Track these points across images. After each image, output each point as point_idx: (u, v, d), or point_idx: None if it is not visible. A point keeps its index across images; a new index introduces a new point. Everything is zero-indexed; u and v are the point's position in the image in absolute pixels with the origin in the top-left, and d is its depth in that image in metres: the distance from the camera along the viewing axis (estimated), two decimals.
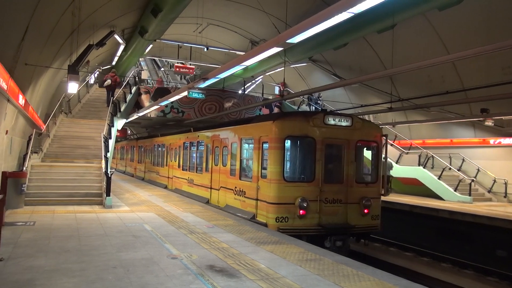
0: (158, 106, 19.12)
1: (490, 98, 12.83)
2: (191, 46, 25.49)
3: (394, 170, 20.91)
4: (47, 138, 16.89)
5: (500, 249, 13.33)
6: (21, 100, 10.11)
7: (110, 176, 12.78)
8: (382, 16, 14.02)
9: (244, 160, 12.53)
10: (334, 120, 11.03)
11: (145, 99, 22.28)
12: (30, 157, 13.65)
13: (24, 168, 12.71)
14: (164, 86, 27.00)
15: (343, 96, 24.49)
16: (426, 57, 12.60)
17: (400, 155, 21.58)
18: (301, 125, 10.77)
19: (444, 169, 19.45)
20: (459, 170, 19.97)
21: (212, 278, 5.75)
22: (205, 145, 15.71)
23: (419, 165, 20.16)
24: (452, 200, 18.09)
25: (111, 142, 18.76)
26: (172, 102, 19.64)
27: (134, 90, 22.76)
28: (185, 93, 14.17)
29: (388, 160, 12.02)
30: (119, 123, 21.95)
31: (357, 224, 11.02)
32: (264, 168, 11.04)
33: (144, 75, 27.96)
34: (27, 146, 14.18)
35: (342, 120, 11.15)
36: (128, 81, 24.28)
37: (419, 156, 20.59)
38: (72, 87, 12.61)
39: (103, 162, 14.44)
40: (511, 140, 18.09)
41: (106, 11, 15.14)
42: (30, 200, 12.30)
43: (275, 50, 8.38)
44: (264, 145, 11.14)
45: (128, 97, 22.47)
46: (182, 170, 18.59)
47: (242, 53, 22.12)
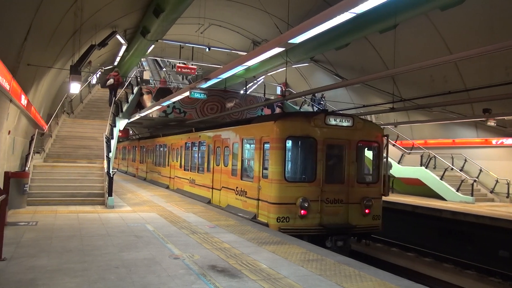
0: (160, 107, 19.14)
1: (492, 98, 12.80)
2: (193, 47, 25.52)
3: (396, 170, 20.92)
4: (49, 138, 16.93)
5: (503, 249, 13.30)
6: (23, 100, 10.12)
7: (112, 176, 12.80)
8: (384, 16, 14.00)
9: (246, 160, 12.52)
10: (335, 120, 11.02)
11: (147, 99, 22.32)
12: (32, 157, 13.70)
13: (26, 168, 12.75)
14: (167, 86, 27.02)
15: (345, 96, 24.46)
16: (428, 57, 12.58)
17: (402, 155, 21.55)
18: (302, 125, 10.77)
19: (446, 169, 19.42)
20: (461, 171, 19.91)
21: (214, 278, 5.75)
22: (206, 145, 15.71)
23: (421, 165, 20.13)
24: (454, 200, 18.05)
25: (113, 142, 18.79)
26: (174, 103, 19.67)
27: (136, 90, 22.80)
28: (187, 93, 14.17)
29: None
30: (121, 123, 21.98)
31: (358, 224, 11.01)
32: (266, 168, 11.04)
33: (146, 76, 27.97)
34: (30, 146, 14.23)
35: (343, 121, 11.14)
36: (130, 81, 24.30)
37: (421, 156, 20.55)
38: (74, 88, 12.62)
39: (105, 162, 14.47)
40: None
41: (108, 12, 15.16)
42: (32, 200, 12.35)
43: (277, 50, 8.38)
44: (265, 145, 11.14)
45: (130, 97, 22.51)
46: (184, 170, 18.60)
47: (244, 53, 22.14)
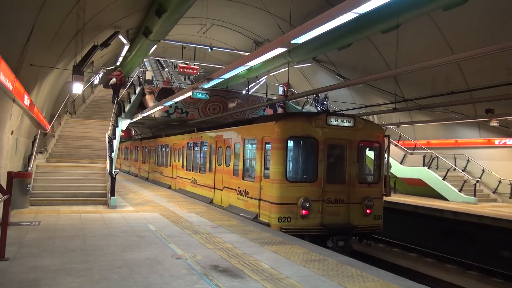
0: (162, 107, 19.16)
1: (495, 99, 12.78)
2: (195, 47, 25.54)
3: (398, 170, 20.89)
4: (52, 138, 16.97)
5: (505, 250, 13.27)
6: (26, 101, 10.14)
7: (114, 176, 12.83)
8: (387, 16, 13.98)
9: (247, 161, 12.54)
10: (336, 120, 11.03)
11: (149, 99, 22.35)
12: (35, 157, 13.74)
13: (29, 168, 12.78)
14: (169, 86, 27.06)
15: (347, 96, 24.45)
16: (431, 57, 12.55)
17: (404, 155, 21.51)
18: (303, 125, 10.78)
19: (448, 169, 19.37)
20: (464, 171, 19.88)
21: (217, 278, 5.76)
22: (208, 145, 15.73)
23: (423, 165, 20.09)
24: (457, 200, 18.02)
25: (116, 143, 18.82)
26: (176, 103, 19.69)
27: (138, 90, 22.83)
28: (189, 93, 14.18)
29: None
30: (124, 124, 22.02)
31: (359, 224, 11.02)
32: (267, 169, 11.04)
33: (148, 76, 28.02)
34: (32, 146, 14.24)
35: (345, 121, 11.15)
36: (132, 81, 24.35)
37: (424, 157, 20.50)
38: (77, 88, 12.66)
39: (108, 162, 14.50)
40: None
41: (111, 12, 15.18)
42: (35, 200, 12.39)
43: (280, 50, 8.37)
44: (267, 145, 11.15)
45: (133, 97, 22.54)
46: (186, 170, 18.63)
47: (246, 53, 22.13)
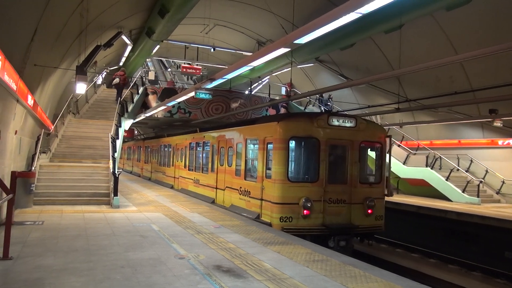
0: (165, 107, 19.19)
1: (499, 99, 12.72)
2: (198, 47, 25.53)
3: (401, 171, 20.84)
4: (55, 138, 17.01)
5: (509, 251, 13.21)
6: (30, 101, 10.17)
7: (117, 176, 12.86)
8: (390, 16, 13.96)
9: (249, 161, 12.57)
10: (338, 121, 11.04)
11: (152, 99, 22.39)
12: (38, 157, 13.77)
13: (33, 168, 12.82)
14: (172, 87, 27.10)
15: (350, 96, 24.42)
16: (434, 57, 12.53)
17: (407, 156, 21.46)
18: (305, 126, 10.80)
19: (452, 170, 19.30)
20: (467, 171, 19.79)
21: (220, 278, 5.76)
22: (210, 145, 15.75)
23: (426, 166, 20.03)
24: (460, 201, 17.95)
25: (119, 142, 18.86)
26: (179, 103, 19.73)
27: (141, 90, 22.88)
28: (192, 93, 14.21)
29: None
30: (126, 124, 22.07)
31: (360, 224, 11.03)
32: (269, 169, 11.08)
33: (151, 76, 28.05)
34: (36, 146, 14.29)
35: (346, 121, 11.16)
36: (135, 81, 24.39)
37: (427, 157, 20.44)
38: (80, 88, 12.68)
39: (111, 162, 14.53)
40: None
41: (114, 12, 15.23)
42: (38, 200, 12.43)
43: (283, 50, 8.39)
44: (268, 145, 11.19)
45: (136, 97, 22.59)
46: (188, 170, 18.65)
47: (249, 53, 22.13)
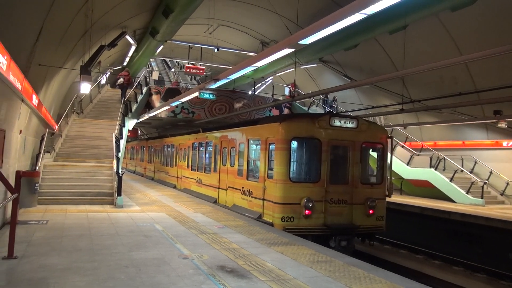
0: (169, 107, 19.22)
1: (503, 100, 12.68)
2: (201, 47, 25.57)
3: (405, 172, 20.81)
4: (60, 138, 17.07)
5: None
6: (34, 100, 10.21)
7: (121, 176, 12.89)
8: (394, 16, 13.92)
9: (251, 161, 12.62)
10: (339, 122, 11.07)
11: (155, 99, 22.43)
12: (43, 156, 13.82)
13: (37, 167, 12.88)
14: (176, 87, 27.14)
15: (353, 97, 24.38)
16: (438, 58, 12.48)
17: (411, 156, 21.40)
18: (307, 126, 10.83)
19: (456, 171, 19.22)
20: (471, 173, 19.72)
21: (223, 278, 5.76)
22: (213, 145, 15.79)
23: (430, 167, 19.97)
24: (464, 202, 17.88)
25: (122, 142, 18.90)
26: (182, 103, 19.73)
27: (145, 90, 22.92)
28: (196, 93, 14.22)
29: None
30: (130, 123, 22.12)
31: (362, 225, 11.05)
32: (271, 169, 11.13)
33: (155, 76, 28.08)
34: (40, 145, 14.34)
35: (348, 122, 11.18)
36: (139, 81, 24.45)
37: (431, 158, 20.38)
38: (85, 88, 12.73)
39: (114, 162, 14.57)
40: None
41: (118, 12, 15.26)
42: (43, 199, 12.49)
43: (287, 51, 8.37)
44: (270, 146, 11.24)
45: (139, 97, 22.64)
46: (191, 170, 18.69)
47: (253, 54, 22.14)
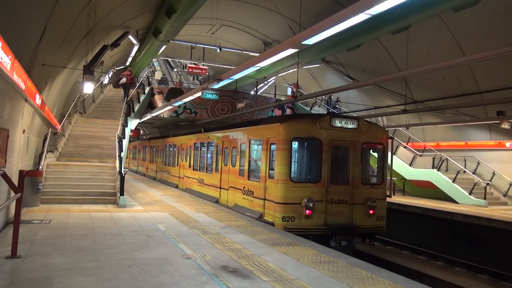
0: (171, 107, 19.24)
1: (506, 101, 12.64)
2: (204, 47, 25.58)
3: (407, 172, 20.76)
4: (62, 137, 17.11)
5: None
6: (37, 100, 10.23)
7: (124, 175, 12.90)
8: (397, 17, 13.88)
9: (253, 161, 12.66)
10: (340, 122, 11.10)
11: (158, 99, 22.46)
12: (46, 156, 13.86)
13: (40, 167, 12.90)
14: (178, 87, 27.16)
15: (356, 97, 24.35)
16: (441, 58, 12.45)
17: (413, 157, 21.36)
18: (308, 127, 10.87)
19: (458, 172, 19.16)
20: (474, 173, 19.66)
21: (226, 278, 5.76)
22: (215, 145, 15.84)
23: (433, 167, 19.93)
24: (466, 203, 17.83)
25: (125, 142, 18.92)
26: (185, 103, 19.76)
27: (147, 90, 22.95)
28: (198, 94, 14.24)
29: None
30: (133, 123, 22.15)
31: (362, 225, 11.09)
32: (272, 169, 11.18)
33: (157, 76, 28.11)
34: (43, 145, 14.38)
35: (348, 123, 11.21)
36: (142, 81, 24.48)
37: (433, 159, 20.32)
38: (88, 87, 12.77)
39: (117, 161, 14.59)
40: None
41: (121, 12, 15.30)
42: (46, 199, 12.53)
43: (291, 51, 8.37)
44: (272, 146, 11.28)
45: (142, 97, 22.67)
46: (193, 170, 18.73)
47: (255, 54, 22.14)
